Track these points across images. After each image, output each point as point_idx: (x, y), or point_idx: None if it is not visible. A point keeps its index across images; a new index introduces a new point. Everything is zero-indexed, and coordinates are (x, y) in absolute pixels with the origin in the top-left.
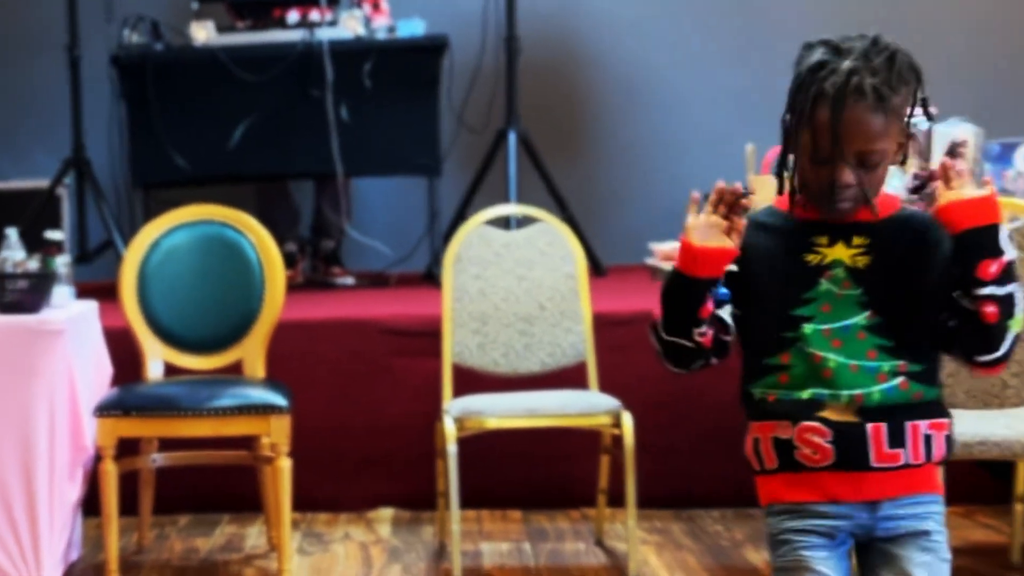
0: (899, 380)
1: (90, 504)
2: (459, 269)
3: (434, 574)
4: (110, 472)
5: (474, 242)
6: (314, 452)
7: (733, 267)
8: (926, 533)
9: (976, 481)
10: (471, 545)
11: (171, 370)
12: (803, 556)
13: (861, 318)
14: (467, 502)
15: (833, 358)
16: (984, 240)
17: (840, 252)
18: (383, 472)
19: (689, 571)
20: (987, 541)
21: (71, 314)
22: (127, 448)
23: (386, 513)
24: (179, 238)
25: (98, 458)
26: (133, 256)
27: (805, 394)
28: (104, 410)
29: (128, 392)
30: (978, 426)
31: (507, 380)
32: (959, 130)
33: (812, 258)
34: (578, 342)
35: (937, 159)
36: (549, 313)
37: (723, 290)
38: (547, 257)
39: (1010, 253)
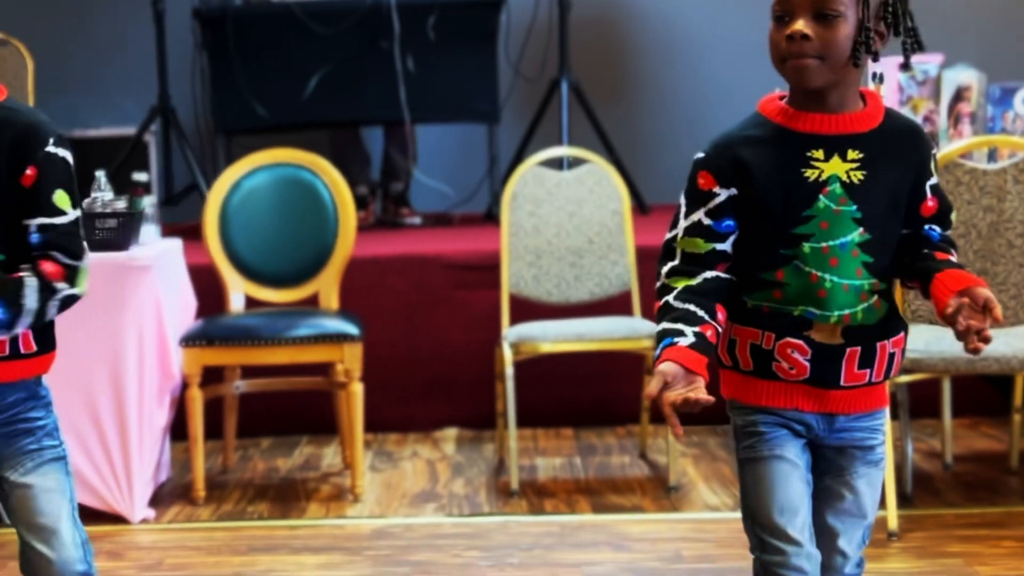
0: (875, 298)
1: (178, 429)
2: (515, 207)
3: (494, 487)
4: (196, 398)
5: (529, 182)
6: (384, 377)
7: (734, 190)
8: (871, 448)
9: (979, 394)
10: (527, 460)
11: (251, 303)
12: (774, 446)
13: (855, 235)
14: (523, 421)
15: (829, 278)
16: None
17: (836, 167)
18: (447, 395)
19: (724, 480)
20: (989, 449)
21: (157, 251)
22: (212, 376)
23: (450, 432)
24: (259, 179)
25: (184, 385)
26: (216, 196)
27: (796, 311)
28: (190, 340)
29: (212, 323)
30: None
31: (559, 308)
32: (964, 75)
33: (810, 173)
34: (623, 273)
35: (945, 104)
36: (597, 247)
37: (728, 222)
38: (595, 195)
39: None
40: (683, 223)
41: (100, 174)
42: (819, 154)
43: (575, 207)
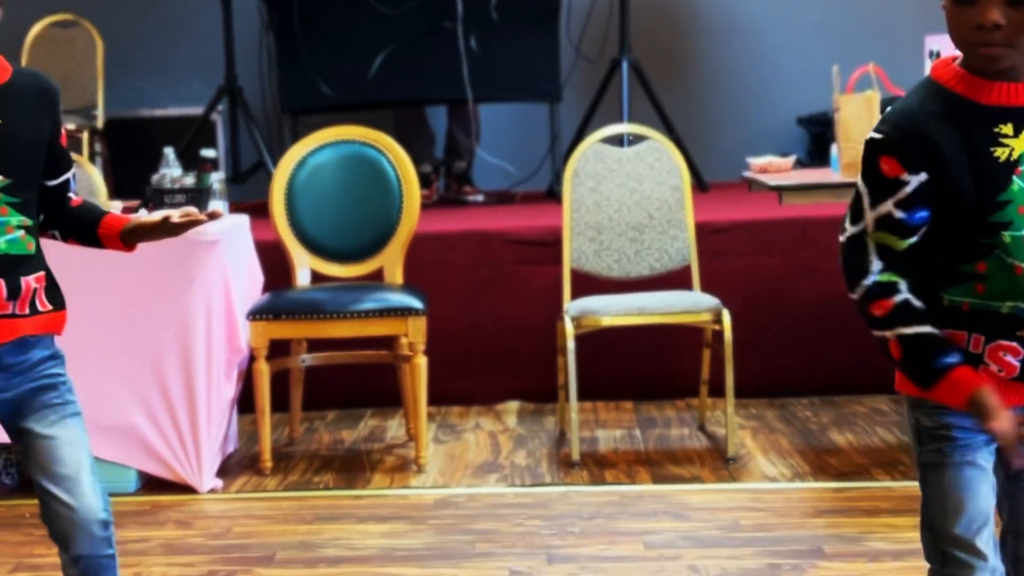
0: None
1: (245, 401)
2: (577, 183)
3: (555, 458)
4: (263, 371)
5: (590, 158)
6: (447, 351)
7: (924, 175)
8: None
9: None
10: (588, 432)
11: (317, 278)
12: (965, 452)
13: None
14: (584, 394)
15: None
16: None
17: None
18: (509, 368)
19: (781, 451)
20: None
21: (225, 226)
22: (278, 349)
23: (512, 405)
24: (324, 156)
25: (252, 358)
26: (282, 173)
27: (1005, 308)
28: (257, 314)
29: (278, 298)
30: None
31: (619, 283)
32: None
33: (1000, 152)
34: (683, 248)
35: None
36: (657, 222)
37: (921, 213)
38: (655, 172)
39: None
40: (870, 214)
41: (168, 150)
42: (1007, 129)
43: (636, 183)
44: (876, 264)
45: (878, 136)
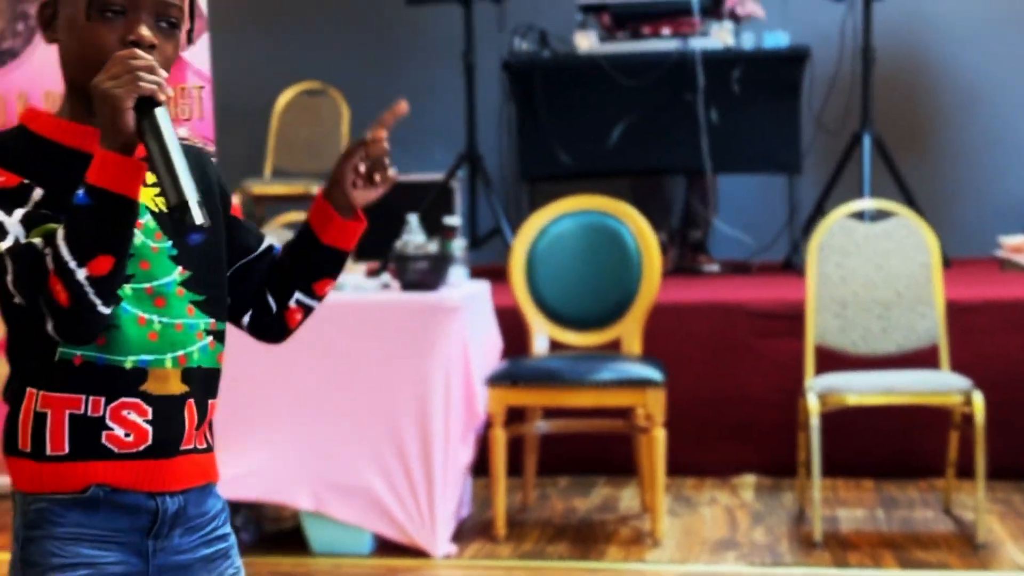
0: None
1: (479, 466)
2: (822, 257)
3: (796, 537)
4: (499, 437)
5: (836, 233)
6: (682, 421)
7: None
8: None
9: None
10: (828, 511)
11: (555, 345)
12: None
13: None
14: (823, 471)
15: None
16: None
17: None
18: (746, 441)
19: None
20: None
21: (466, 292)
22: (514, 415)
23: (748, 479)
24: (565, 225)
25: (488, 424)
26: (522, 241)
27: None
28: (495, 381)
29: (517, 365)
30: None
31: (862, 360)
32: None
33: None
34: (931, 326)
35: None
36: (905, 299)
37: None
38: (903, 248)
39: None
40: None
41: (412, 217)
42: None
43: (882, 259)
44: None
45: None
